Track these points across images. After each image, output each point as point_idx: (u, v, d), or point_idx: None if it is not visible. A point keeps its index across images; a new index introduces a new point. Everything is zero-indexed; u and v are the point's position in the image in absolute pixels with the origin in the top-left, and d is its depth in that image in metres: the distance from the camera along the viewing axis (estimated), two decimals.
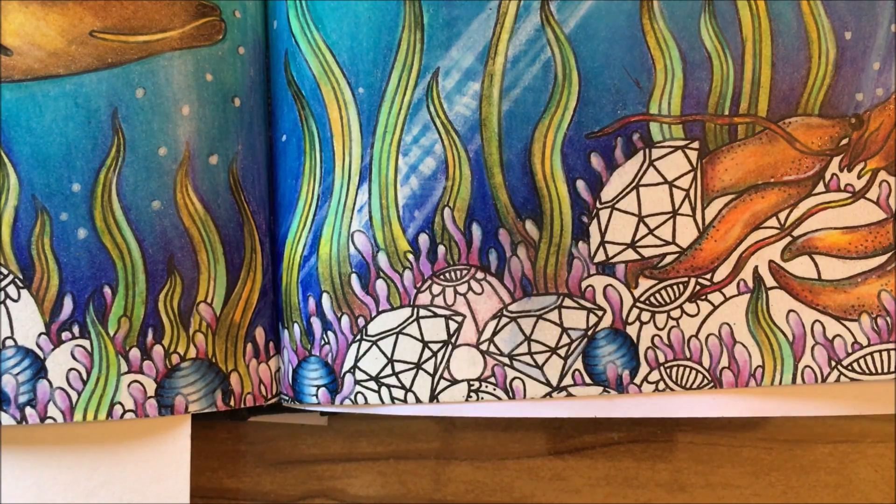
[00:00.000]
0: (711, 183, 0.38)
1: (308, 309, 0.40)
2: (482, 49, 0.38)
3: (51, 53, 0.38)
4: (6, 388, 0.37)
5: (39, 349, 0.38)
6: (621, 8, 0.38)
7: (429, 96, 0.38)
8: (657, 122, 0.38)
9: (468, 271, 0.38)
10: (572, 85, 0.38)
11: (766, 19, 0.38)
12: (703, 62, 0.38)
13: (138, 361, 0.38)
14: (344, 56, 0.39)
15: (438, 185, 0.38)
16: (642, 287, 0.38)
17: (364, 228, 0.39)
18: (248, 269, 0.40)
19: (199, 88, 0.39)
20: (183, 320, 0.39)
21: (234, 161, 0.40)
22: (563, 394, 0.38)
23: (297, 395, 0.40)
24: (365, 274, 0.39)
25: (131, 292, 0.38)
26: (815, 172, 0.38)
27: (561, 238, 0.38)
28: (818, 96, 0.38)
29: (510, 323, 0.38)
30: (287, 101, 0.40)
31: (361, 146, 0.39)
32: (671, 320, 0.38)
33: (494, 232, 0.38)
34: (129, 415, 0.38)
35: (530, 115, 0.38)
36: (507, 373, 0.38)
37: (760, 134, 0.38)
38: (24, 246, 0.38)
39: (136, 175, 0.38)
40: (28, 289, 0.38)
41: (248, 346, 0.40)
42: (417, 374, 0.38)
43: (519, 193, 0.38)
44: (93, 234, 0.38)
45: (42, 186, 0.38)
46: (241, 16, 0.40)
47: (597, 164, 0.38)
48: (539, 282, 0.38)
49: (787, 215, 0.38)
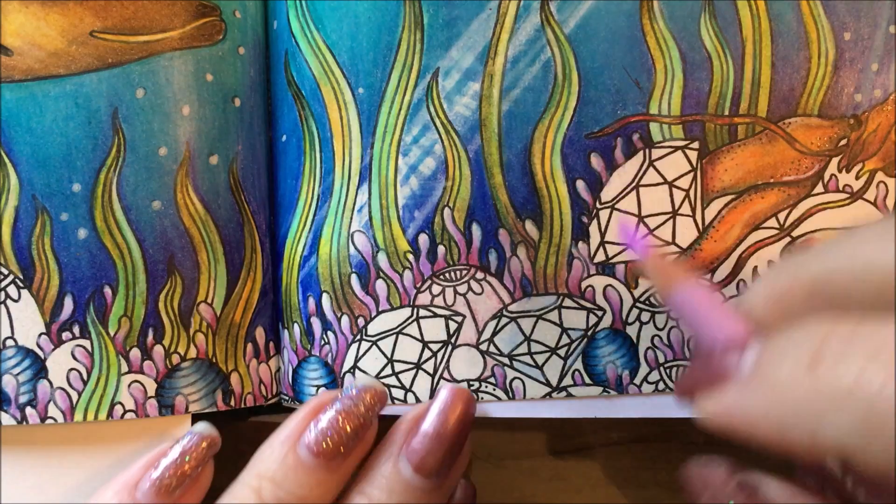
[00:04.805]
0: (711, 183, 0.38)
1: (308, 309, 0.40)
2: (482, 49, 0.38)
3: (51, 53, 0.38)
4: (6, 389, 0.37)
5: (40, 349, 0.38)
6: (621, 8, 0.38)
7: (429, 96, 0.38)
8: (657, 123, 0.38)
9: (468, 271, 0.38)
10: (572, 85, 0.38)
11: (766, 19, 0.38)
12: (703, 62, 0.38)
13: (139, 361, 0.38)
14: (344, 56, 0.39)
15: (438, 186, 0.38)
16: (642, 287, 0.38)
17: (364, 228, 0.39)
18: (248, 269, 0.40)
19: (200, 88, 0.39)
20: (183, 320, 0.39)
21: (235, 161, 0.40)
22: (562, 394, 0.38)
23: (298, 395, 0.40)
24: (365, 274, 0.39)
25: (132, 292, 0.38)
26: (815, 173, 0.38)
27: (561, 238, 0.38)
28: (818, 97, 0.38)
29: (510, 323, 0.38)
30: (287, 102, 0.40)
31: (361, 146, 0.39)
32: (671, 321, 0.38)
33: (494, 232, 0.38)
34: (130, 415, 0.38)
35: (530, 115, 0.38)
36: (507, 373, 0.38)
37: (760, 134, 0.38)
38: (24, 246, 0.38)
39: (136, 175, 0.38)
40: (28, 289, 0.38)
41: (248, 346, 0.40)
42: (417, 375, 0.39)
43: (519, 193, 0.38)
44: (93, 234, 0.38)
45: (42, 186, 0.38)
46: (241, 16, 0.40)
47: (597, 165, 0.38)
48: (539, 282, 0.38)
49: (786, 216, 0.38)
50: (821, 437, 0.22)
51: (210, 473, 0.37)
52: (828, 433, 0.22)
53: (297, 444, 0.35)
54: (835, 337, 0.23)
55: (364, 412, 0.36)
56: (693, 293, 0.28)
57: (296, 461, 0.35)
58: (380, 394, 0.37)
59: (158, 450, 0.37)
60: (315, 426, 0.36)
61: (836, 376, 0.22)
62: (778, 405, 0.23)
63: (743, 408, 0.25)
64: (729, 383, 0.25)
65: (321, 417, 0.36)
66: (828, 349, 0.23)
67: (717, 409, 0.26)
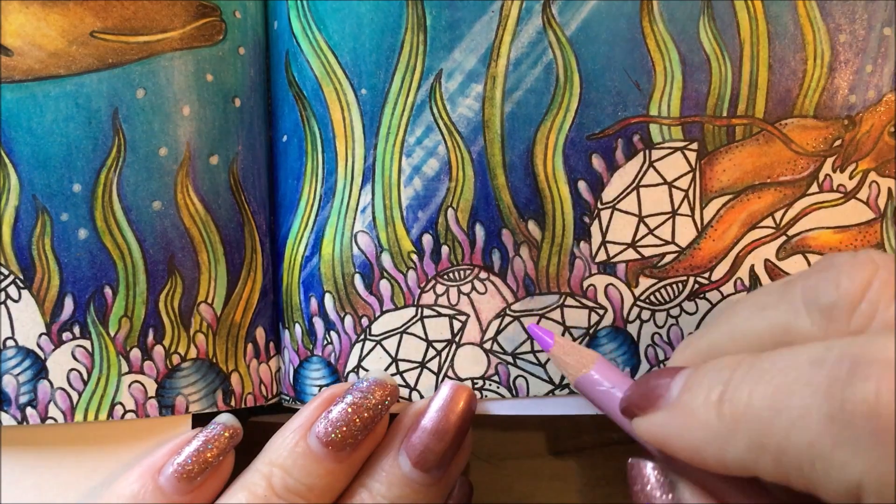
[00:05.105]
0: (710, 183, 0.39)
1: (310, 309, 0.40)
2: (485, 51, 0.38)
3: (51, 54, 0.38)
4: (7, 389, 0.37)
5: (40, 349, 0.38)
6: (622, 10, 0.38)
7: (432, 98, 0.39)
8: (657, 124, 0.38)
9: (472, 271, 0.39)
10: (574, 87, 0.38)
11: (764, 21, 0.38)
12: (702, 64, 0.38)
13: (139, 362, 0.38)
14: (346, 57, 0.39)
15: (442, 186, 0.39)
16: (642, 286, 0.39)
17: (367, 229, 0.39)
18: (248, 269, 0.40)
19: (200, 89, 0.39)
20: (184, 320, 0.39)
21: (235, 161, 0.40)
22: (565, 391, 0.38)
23: (299, 395, 0.40)
24: (368, 274, 0.39)
25: (132, 293, 0.38)
26: (810, 173, 0.39)
27: (563, 238, 0.38)
28: (813, 98, 0.39)
29: (513, 322, 0.39)
30: (288, 102, 0.40)
31: (364, 147, 0.39)
32: (671, 318, 0.39)
33: (497, 232, 0.39)
34: (130, 415, 0.38)
35: (532, 116, 0.38)
36: (511, 371, 0.39)
37: (757, 135, 0.38)
38: (24, 246, 0.38)
39: (136, 175, 0.38)
40: (29, 289, 0.38)
41: (248, 347, 0.40)
42: (422, 373, 0.39)
43: (521, 194, 0.38)
44: (93, 234, 0.38)
45: (43, 187, 0.38)
46: (241, 16, 0.40)
47: (598, 165, 0.38)
48: (541, 281, 0.39)
49: (782, 215, 0.39)
50: (728, 458, 0.27)
51: (231, 463, 0.38)
52: (729, 455, 0.27)
53: (307, 433, 0.36)
54: (735, 371, 0.28)
55: (374, 406, 0.36)
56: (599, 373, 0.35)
57: (305, 450, 0.36)
58: (391, 388, 0.37)
59: (182, 437, 0.38)
60: (326, 417, 0.36)
61: (733, 405, 0.27)
62: (691, 431, 0.28)
63: (666, 431, 0.30)
64: (659, 405, 0.30)
65: (332, 409, 0.37)
66: (730, 382, 0.28)
67: (648, 430, 0.30)
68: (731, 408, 0.27)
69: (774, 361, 0.27)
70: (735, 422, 0.27)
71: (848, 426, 0.24)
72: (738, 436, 0.27)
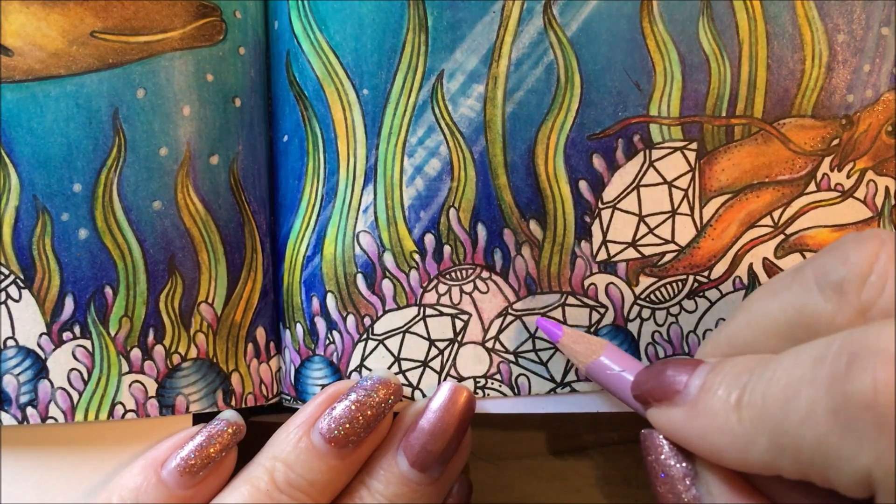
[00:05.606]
0: (709, 183, 0.39)
1: (312, 309, 0.40)
2: (486, 52, 0.38)
3: (52, 54, 0.37)
4: (7, 389, 0.37)
5: (41, 349, 0.38)
6: (622, 11, 0.38)
7: (433, 98, 0.39)
8: (657, 124, 0.38)
9: (474, 271, 0.39)
10: (575, 87, 0.38)
11: (762, 21, 0.38)
12: (702, 64, 0.38)
13: (139, 361, 0.38)
14: (348, 58, 0.39)
15: (444, 186, 0.39)
16: (643, 285, 0.39)
17: (370, 229, 0.39)
18: (248, 269, 0.40)
19: (200, 89, 0.39)
20: (184, 320, 0.39)
21: (235, 161, 0.40)
22: (566, 389, 0.39)
23: (301, 395, 0.40)
24: (371, 274, 0.39)
25: (132, 292, 0.38)
26: (808, 172, 0.39)
27: (564, 237, 0.39)
28: (811, 98, 0.39)
29: (515, 321, 0.39)
30: (289, 102, 0.41)
31: (366, 147, 0.39)
32: (670, 317, 0.39)
33: (499, 232, 0.39)
34: (131, 415, 0.38)
35: (534, 116, 0.38)
36: (513, 369, 0.39)
37: (756, 135, 0.39)
38: (25, 246, 0.38)
39: (137, 175, 0.38)
40: (29, 289, 0.38)
41: (248, 346, 0.40)
42: (424, 372, 0.39)
43: (523, 194, 0.39)
44: (94, 234, 0.38)
45: (43, 187, 0.37)
46: (241, 16, 0.40)
47: (598, 165, 0.39)
48: (543, 280, 0.39)
49: (780, 214, 0.39)
50: (750, 459, 0.28)
51: (233, 459, 0.38)
52: (751, 457, 0.28)
53: (311, 429, 0.37)
54: (752, 373, 0.29)
55: (377, 403, 0.37)
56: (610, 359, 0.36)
57: (308, 446, 0.36)
58: (394, 387, 0.37)
59: (186, 432, 0.38)
60: (329, 414, 0.36)
61: (751, 408, 0.28)
62: (713, 433, 0.29)
63: (686, 430, 0.30)
64: (676, 400, 0.31)
65: (336, 406, 0.37)
66: (747, 385, 0.28)
67: (667, 425, 0.31)
68: (749, 412, 0.28)
69: (782, 361, 0.27)
70: (754, 425, 0.27)
71: (851, 419, 0.24)
72: (758, 438, 0.27)
